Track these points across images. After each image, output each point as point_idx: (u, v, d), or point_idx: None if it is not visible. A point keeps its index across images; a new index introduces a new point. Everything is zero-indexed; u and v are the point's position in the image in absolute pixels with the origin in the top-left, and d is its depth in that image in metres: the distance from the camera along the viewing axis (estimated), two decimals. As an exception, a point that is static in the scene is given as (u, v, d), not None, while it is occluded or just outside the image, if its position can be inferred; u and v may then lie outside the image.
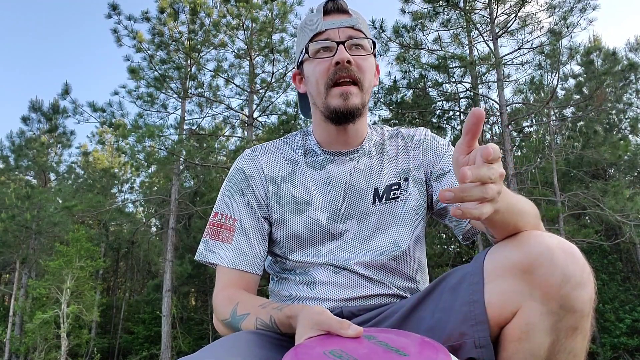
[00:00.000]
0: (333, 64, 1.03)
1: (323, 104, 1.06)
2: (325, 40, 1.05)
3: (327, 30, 1.05)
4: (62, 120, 17.12)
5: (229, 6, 12.33)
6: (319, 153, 1.14)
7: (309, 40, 1.07)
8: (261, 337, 0.86)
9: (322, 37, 1.06)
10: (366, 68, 1.06)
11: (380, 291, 1.03)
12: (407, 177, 1.12)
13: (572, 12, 10.79)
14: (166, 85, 13.08)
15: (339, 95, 1.04)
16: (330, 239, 1.07)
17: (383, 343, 0.71)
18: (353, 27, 1.06)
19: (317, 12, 1.09)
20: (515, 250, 0.77)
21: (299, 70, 1.14)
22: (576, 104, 13.83)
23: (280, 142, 1.19)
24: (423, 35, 11.86)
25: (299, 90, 1.17)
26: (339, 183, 1.10)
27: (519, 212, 0.79)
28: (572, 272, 0.72)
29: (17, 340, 15.24)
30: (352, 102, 1.04)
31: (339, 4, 1.07)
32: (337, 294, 1.02)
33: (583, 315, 0.74)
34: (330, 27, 1.05)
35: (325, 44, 1.05)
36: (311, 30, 1.08)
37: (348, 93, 1.03)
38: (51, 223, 15.37)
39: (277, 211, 1.09)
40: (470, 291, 0.80)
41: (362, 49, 1.07)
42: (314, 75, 1.07)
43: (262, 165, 1.12)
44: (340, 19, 1.06)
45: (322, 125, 1.12)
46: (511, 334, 0.77)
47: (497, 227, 0.80)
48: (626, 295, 15.34)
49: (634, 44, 14.67)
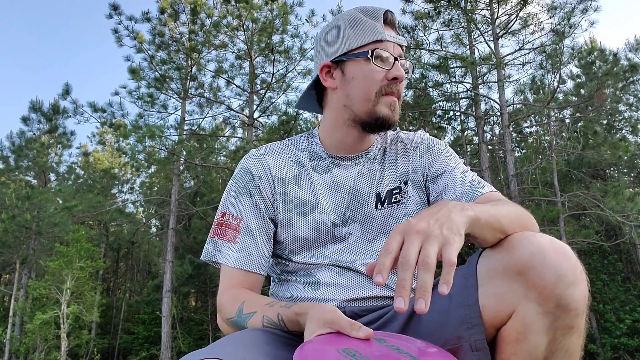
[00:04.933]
0: (389, 77, 1.05)
1: (368, 110, 1.06)
2: (386, 50, 1.06)
3: (387, 42, 1.06)
4: (63, 121, 17.11)
5: (230, 7, 12.34)
6: (323, 157, 1.15)
7: (367, 43, 1.06)
8: (268, 334, 0.86)
9: (381, 45, 1.06)
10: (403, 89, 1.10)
11: (383, 293, 1.03)
12: (406, 180, 1.14)
13: (573, 13, 10.80)
14: (166, 85, 13.09)
15: (388, 106, 1.06)
16: (334, 242, 1.08)
17: (394, 347, 0.71)
18: (402, 47, 1.09)
19: (372, 16, 1.08)
20: (508, 252, 0.77)
21: (335, 64, 1.10)
22: (576, 105, 13.83)
23: (285, 143, 1.20)
24: (424, 35, 11.88)
25: (325, 84, 1.11)
26: (344, 187, 1.11)
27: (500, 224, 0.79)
28: (565, 271, 0.72)
29: (17, 341, 15.23)
30: (396, 116, 1.08)
31: (395, 19, 1.10)
32: (340, 295, 1.02)
33: (578, 314, 0.73)
34: (390, 39, 1.06)
35: (386, 54, 1.06)
36: (370, 34, 1.06)
37: (395, 105, 1.07)
38: (51, 223, 15.37)
39: (283, 212, 1.10)
40: (465, 294, 0.80)
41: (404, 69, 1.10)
42: (365, 79, 1.06)
43: (269, 166, 1.13)
44: (394, 34, 1.09)
45: (343, 129, 1.12)
46: (508, 335, 0.77)
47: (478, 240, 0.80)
48: (626, 296, 15.33)
49: (634, 44, 14.65)
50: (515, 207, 0.88)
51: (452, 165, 1.12)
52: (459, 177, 1.08)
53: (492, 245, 0.82)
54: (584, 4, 10.74)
